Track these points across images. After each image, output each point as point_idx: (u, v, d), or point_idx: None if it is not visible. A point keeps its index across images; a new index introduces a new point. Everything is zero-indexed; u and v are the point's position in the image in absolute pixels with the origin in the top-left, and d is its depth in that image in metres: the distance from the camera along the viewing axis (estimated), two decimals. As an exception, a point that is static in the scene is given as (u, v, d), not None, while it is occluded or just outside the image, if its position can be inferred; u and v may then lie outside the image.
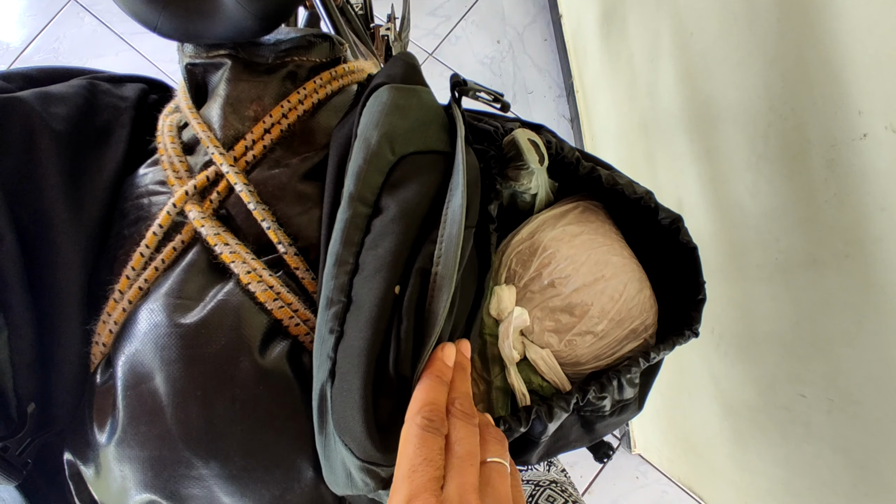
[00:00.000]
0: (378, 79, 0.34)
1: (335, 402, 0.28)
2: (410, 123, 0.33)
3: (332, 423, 0.28)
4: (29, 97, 0.35)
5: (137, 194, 0.37)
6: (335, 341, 0.29)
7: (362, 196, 0.31)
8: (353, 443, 0.27)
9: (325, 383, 0.29)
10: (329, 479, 0.30)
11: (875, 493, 0.48)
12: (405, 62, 0.36)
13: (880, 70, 0.39)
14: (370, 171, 0.31)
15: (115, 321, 0.33)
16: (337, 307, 0.30)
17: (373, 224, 0.31)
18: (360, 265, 0.30)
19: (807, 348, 0.54)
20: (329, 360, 0.29)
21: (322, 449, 0.30)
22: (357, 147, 0.32)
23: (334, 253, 0.30)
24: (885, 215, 0.41)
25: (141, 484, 0.30)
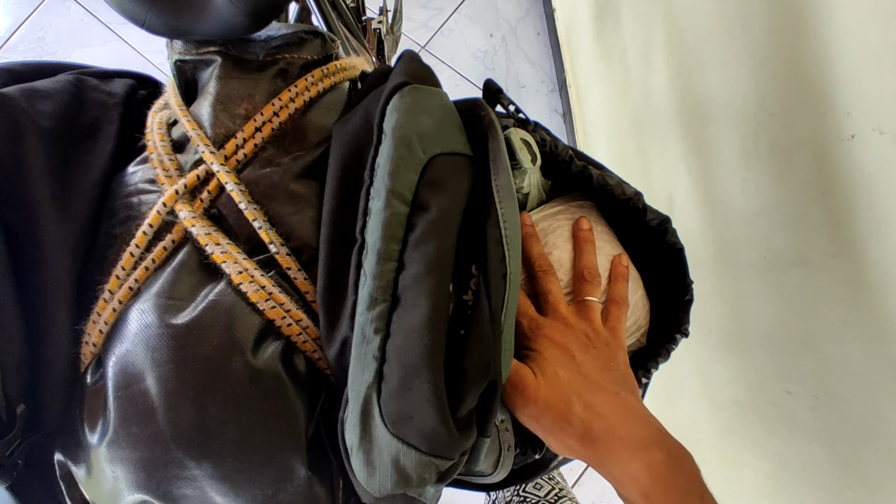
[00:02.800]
0: (399, 77, 0.34)
1: (391, 401, 0.28)
2: (436, 124, 0.33)
3: (380, 424, 0.28)
4: (14, 93, 0.35)
5: (126, 193, 0.36)
6: (381, 342, 0.29)
7: (400, 194, 0.31)
8: (419, 438, 0.28)
9: (371, 386, 0.29)
10: (368, 483, 0.30)
11: (857, 487, 0.49)
12: (423, 63, 0.36)
13: (869, 72, 0.40)
14: (405, 170, 0.31)
15: (106, 321, 0.33)
16: (382, 306, 0.29)
17: (414, 222, 0.31)
18: (406, 263, 0.30)
19: (794, 346, 0.54)
20: (375, 360, 0.29)
21: (363, 454, 0.29)
22: (389, 145, 0.32)
23: (376, 250, 0.30)
24: (871, 216, 0.41)
25: (133, 484, 0.30)
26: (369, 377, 0.29)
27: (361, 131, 0.35)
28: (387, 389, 0.29)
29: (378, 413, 0.29)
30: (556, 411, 0.33)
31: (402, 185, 0.31)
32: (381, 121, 0.33)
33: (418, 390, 0.28)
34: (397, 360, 0.29)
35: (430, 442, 0.28)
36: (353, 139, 0.35)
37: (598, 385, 0.34)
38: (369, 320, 0.29)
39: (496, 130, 0.35)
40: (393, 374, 0.29)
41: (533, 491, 0.61)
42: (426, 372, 0.28)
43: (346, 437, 0.30)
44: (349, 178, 0.34)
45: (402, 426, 0.28)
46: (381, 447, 0.29)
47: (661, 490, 0.31)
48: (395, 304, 0.30)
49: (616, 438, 0.32)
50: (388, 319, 0.29)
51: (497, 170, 0.33)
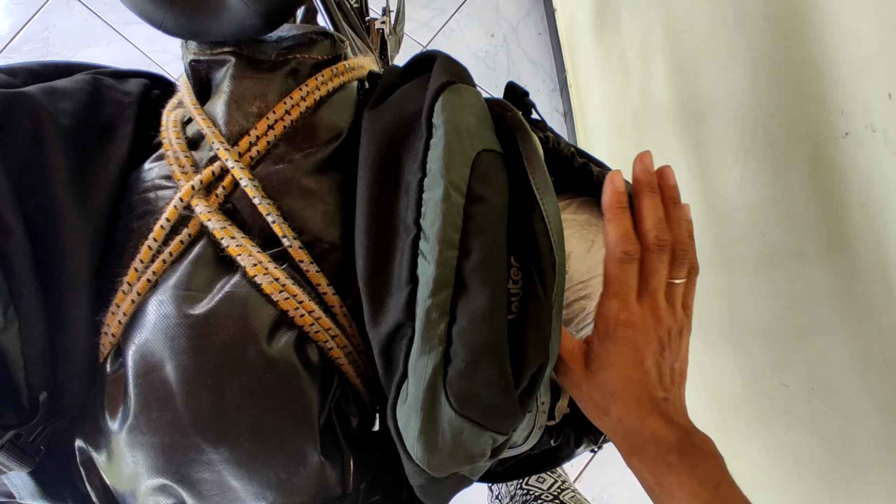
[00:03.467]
0: (444, 76, 0.35)
1: (458, 382, 0.30)
2: (478, 122, 0.35)
3: (445, 404, 0.30)
4: (36, 92, 0.36)
5: (144, 188, 0.38)
6: (447, 325, 0.31)
7: (458, 186, 0.32)
8: (484, 416, 0.30)
9: (438, 367, 0.30)
10: (429, 463, 0.31)
11: (849, 476, 0.50)
12: (460, 64, 0.38)
13: (862, 71, 0.41)
14: (460, 163, 0.33)
15: (125, 312, 0.34)
16: (447, 292, 0.31)
17: (470, 213, 0.32)
18: (467, 251, 0.32)
19: (790, 339, 0.56)
20: (441, 343, 0.30)
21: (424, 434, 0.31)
22: (441, 139, 0.33)
23: (438, 238, 0.31)
24: (864, 211, 0.43)
25: (153, 469, 0.32)
26: (435, 359, 0.30)
27: (397, 126, 0.36)
28: (453, 370, 0.30)
29: (443, 393, 0.30)
30: (599, 407, 0.36)
31: (458, 177, 0.32)
32: (429, 115, 0.34)
33: (485, 371, 0.30)
34: (464, 343, 0.30)
35: (494, 419, 0.31)
36: (387, 134, 0.36)
37: (652, 397, 0.35)
38: (434, 305, 0.31)
39: (527, 131, 0.36)
40: (459, 357, 0.30)
41: (536, 484, 0.62)
42: (493, 354, 0.30)
43: (399, 421, 0.32)
44: (385, 170, 0.35)
45: (467, 405, 0.30)
46: (445, 426, 0.30)
47: (677, 481, 0.33)
48: (459, 289, 0.31)
49: (650, 456, 0.34)
50: (453, 304, 0.31)
51: (533, 168, 0.35)
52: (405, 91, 0.38)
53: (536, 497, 0.60)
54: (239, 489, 0.32)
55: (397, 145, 0.35)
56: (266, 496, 0.33)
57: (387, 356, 0.33)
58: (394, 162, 0.35)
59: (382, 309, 0.33)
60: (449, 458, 0.31)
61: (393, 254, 0.33)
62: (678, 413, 0.36)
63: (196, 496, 0.32)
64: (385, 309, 0.33)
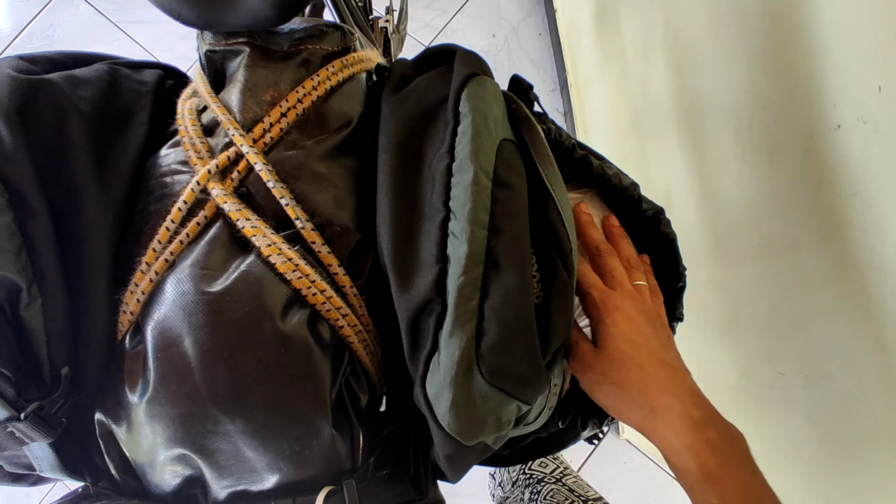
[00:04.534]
0: (469, 68, 0.38)
1: (490, 354, 0.32)
2: (500, 112, 0.37)
3: (477, 374, 0.32)
4: (58, 79, 0.37)
5: (161, 173, 0.39)
6: (479, 301, 0.32)
7: (486, 171, 0.34)
8: (514, 386, 0.32)
9: (471, 340, 0.32)
10: (461, 432, 0.33)
11: (841, 459, 0.51)
12: (480, 57, 0.41)
13: (854, 66, 0.42)
14: (487, 150, 0.35)
15: (143, 291, 0.36)
16: (479, 269, 0.33)
17: (497, 196, 0.34)
18: (499, 230, 0.33)
19: (785, 328, 0.57)
20: (474, 317, 0.32)
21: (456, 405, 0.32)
22: (469, 126, 0.35)
23: (469, 219, 0.33)
24: (856, 200, 0.44)
25: (172, 439, 0.33)
26: (469, 333, 0.32)
27: (419, 113, 0.38)
28: (486, 344, 0.32)
29: (476, 365, 0.32)
30: (614, 382, 0.37)
31: (486, 163, 0.34)
32: (456, 104, 0.36)
33: (517, 344, 0.32)
34: (496, 318, 0.32)
35: (523, 389, 0.33)
36: (411, 120, 0.38)
37: (664, 362, 0.38)
38: (467, 282, 0.32)
39: (532, 123, 0.38)
40: (492, 331, 0.32)
41: (539, 468, 0.63)
42: (524, 329, 0.33)
43: (430, 392, 0.33)
44: (407, 154, 0.37)
45: (498, 376, 0.32)
46: (476, 396, 0.32)
47: (720, 462, 0.33)
48: (490, 267, 0.33)
49: (675, 413, 0.35)
50: (485, 281, 0.33)
51: (542, 160, 0.37)
52: (426, 81, 0.40)
53: (539, 480, 0.61)
54: (253, 459, 0.34)
55: (420, 131, 0.37)
56: (279, 467, 0.34)
57: (414, 331, 0.34)
58: (416, 147, 0.37)
59: (410, 286, 0.34)
60: (479, 427, 0.33)
61: (418, 234, 0.35)
62: (695, 388, 0.37)
63: (213, 466, 0.34)
64: (412, 286, 0.34)
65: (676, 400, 0.36)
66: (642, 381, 0.37)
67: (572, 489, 0.58)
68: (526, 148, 0.37)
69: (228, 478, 0.34)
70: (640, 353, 0.37)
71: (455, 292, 0.32)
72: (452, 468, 0.36)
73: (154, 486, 0.36)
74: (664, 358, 0.38)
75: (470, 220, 0.33)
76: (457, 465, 0.36)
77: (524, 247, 0.34)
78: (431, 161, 0.36)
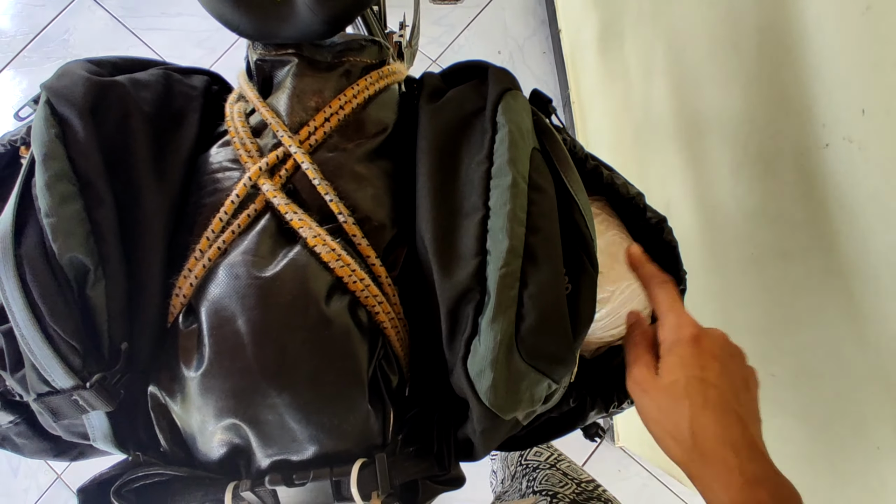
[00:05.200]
0: (503, 84, 0.43)
1: (529, 337, 0.36)
2: (529, 123, 0.42)
3: (516, 354, 0.36)
4: (125, 81, 0.41)
5: (212, 170, 0.43)
6: (519, 290, 0.36)
7: (523, 175, 0.39)
8: (548, 366, 0.37)
9: (511, 324, 0.36)
10: (502, 407, 0.37)
11: (828, 454, 0.55)
12: (511, 74, 0.46)
13: (840, 90, 0.47)
14: (523, 157, 0.39)
15: (196, 276, 0.39)
16: (519, 262, 0.37)
17: (532, 198, 0.39)
18: (536, 228, 0.38)
19: (777, 331, 0.61)
20: (513, 304, 0.36)
21: (495, 382, 0.36)
22: (506, 135, 0.39)
23: (509, 217, 0.37)
24: (842, 212, 0.49)
25: (224, 409, 0.36)
26: (510, 318, 0.36)
27: (456, 122, 0.42)
28: (524, 327, 0.36)
29: (515, 346, 0.36)
30: (667, 415, 0.38)
31: (522, 168, 0.39)
32: (493, 115, 0.41)
33: (552, 329, 0.37)
34: (534, 305, 0.36)
35: (556, 368, 0.37)
36: (449, 127, 0.42)
37: (728, 406, 0.36)
38: (508, 273, 0.36)
39: (553, 133, 0.43)
40: (530, 316, 0.36)
41: (534, 458, 0.67)
42: (559, 315, 0.37)
43: (471, 372, 0.37)
44: (445, 158, 0.41)
45: (535, 356, 0.36)
46: (515, 375, 0.36)
47: None
48: (528, 260, 0.37)
49: (727, 467, 0.34)
50: (523, 273, 0.37)
51: (564, 167, 0.42)
52: (461, 93, 0.44)
53: (535, 468, 0.64)
54: (296, 431, 0.37)
55: (457, 137, 0.41)
56: (319, 438, 0.37)
57: (454, 317, 0.38)
58: (453, 151, 0.41)
59: (451, 275, 0.38)
60: (516, 403, 0.37)
61: (457, 229, 0.39)
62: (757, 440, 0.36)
63: (260, 435, 0.37)
64: (454, 275, 0.38)
65: (731, 451, 0.34)
66: (698, 424, 0.35)
67: (566, 473, 0.62)
68: (549, 156, 0.41)
69: (273, 447, 0.37)
70: (703, 392, 0.36)
71: (497, 282, 0.36)
72: (486, 442, 0.40)
73: (201, 454, 0.39)
74: (731, 402, 0.36)
75: (510, 218, 0.37)
76: (490, 438, 0.39)
77: (557, 243, 0.38)
78: (469, 164, 0.40)
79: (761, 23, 0.57)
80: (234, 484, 0.38)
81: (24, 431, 0.46)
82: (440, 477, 0.42)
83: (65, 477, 1.44)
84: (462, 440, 0.42)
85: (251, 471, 0.39)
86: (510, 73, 0.45)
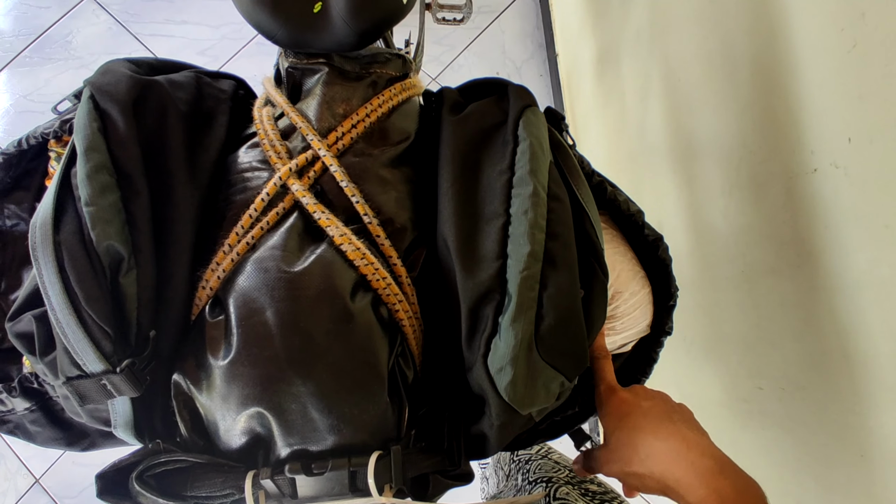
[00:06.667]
0: (524, 100, 0.46)
1: (548, 336, 0.38)
2: (546, 138, 0.45)
3: (535, 352, 0.38)
4: (163, 81, 0.43)
5: (242, 169, 0.44)
6: (539, 292, 0.39)
7: (543, 185, 0.41)
8: (564, 363, 0.40)
9: (531, 324, 0.38)
10: (520, 402, 0.39)
11: (814, 462, 0.58)
12: (530, 92, 0.48)
13: (828, 119, 0.51)
14: (543, 168, 0.42)
15: (224, 269, 0.41)
16: (539, 265, 0.39)
17: (552, 206, 0.41)
18: (555, 235, 0.40)
19: (764, 345, 0.64)
20: (533, 305, 0.38)
21: (514, 378, 0.38)
22: (527, 148, 0.42)
23: (531, 224, 0.39)
24: (828, 233, 0.52)
25: (250, 397, 0.37)
26: (530, 318, 0.38)
27: (479, 134, 0.45)
28: (544, 327, 0.39)
29: (535, 345, 0.38)
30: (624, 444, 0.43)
31: (542, 178, 0.41)
32: (515, 129, 0.44)
33: (569, 329, 0.39)
34: (553, 306, 0.39)
35: (572, 366, 0.40)
36: (472, 139, 0.45)
37: (671, 420, 0.42)
38: (530, 275, 0.38)
39: (566, 148, 0.46)
40: (550, 316, 0.39)
41: (525, 452, 0.69)
42: (576, 316, 0.40)
43: (491, 369, 0.39)
44: (467, 166, 0.44)
45: (553, 354, 0.39)
46: (533, 371, 0.38)
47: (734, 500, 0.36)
48: (548, 264, 0.40)
49: (684, 466, 0.39)
50: (543, 276, 0.39)
51: (576, 180, 0.45)
52: (483, 107, 0.47)
53: (527, 461, 0.66)
54: (318, 420, 0.38)
55: (478, 148, 0.44)
56: (339, 428, 0.39)
57: (475, 316, 0.40)
58: (475, 160, 0.43)
59: (473, 276, 0.40)
60: (533, 398, 0.39)
61: (478, 233, 0.41)
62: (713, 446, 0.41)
63: (282, 423, 0.38)
64: (476, 276, 0.40)
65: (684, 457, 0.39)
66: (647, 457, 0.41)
67: (557, 462, 0.64)
68: (561, 169, 0.44)
69: (294, 436, 0.39)
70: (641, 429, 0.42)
71: (519, 283, 0.38)
72: (501, 436, 0.42)
73: (222, 443, 0.40)
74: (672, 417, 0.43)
75: (531, 225, 0.39)
76: (505, 433, 0.41)
77: (573, 249, 0.41)
78: (490, 173, 0.42)
79: (755, 54, 0.61)
80: (254, 472, 0.39)
81: (38, 419, 0.46)
82: (450, 472, 0.44)
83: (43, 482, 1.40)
84: (474, 436, 0.43)
85: (270, 460, 0.40)
86: (529, 90, 0.48)
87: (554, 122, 0.51)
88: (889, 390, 0.47)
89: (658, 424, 0.42)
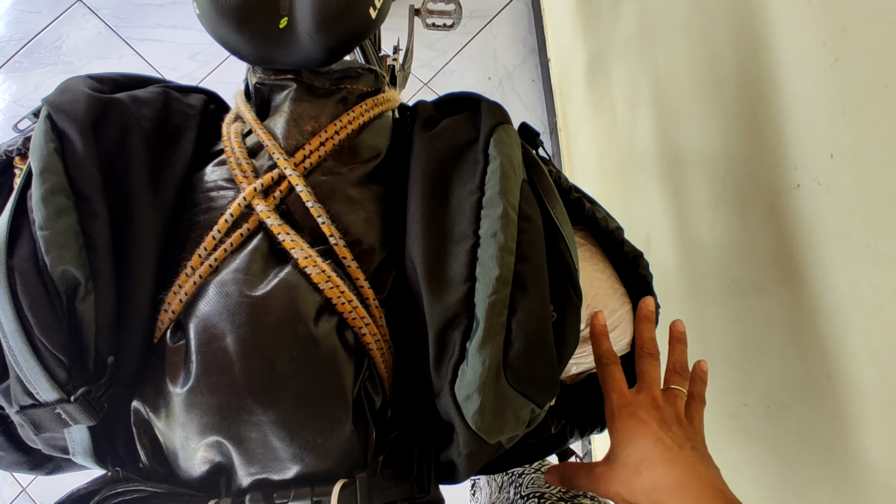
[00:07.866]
0: (496, 117, 0.44)
1: (516, 361, 0.37)
2: (519, 156, 0.44)
3: (503, 379, 0.37)
4: (126, 99, 0.42)
5: (207, 188, 0.43)
6: (508, 317, 0.37)
7: (513, 206, 0.40)
8: (534, 390, 0.38)
9: (499, 350, 0.37)
10: (488, 432, 0.38)
11: (798, 483, 0.57)
12: (502, 108, 0.47)
13: (811, 135, 0.50)
14: (513, 188, 0.41)
15: (186, 292, 0.39)
16: (508, 290, 0.38)
17: (522, 228, 0.40)
18: (525, 257, 0.39)
19: (750, 362, 0.63)
20: (502, 330, 0.37)
21: (482, 406, 0.37)
22: (498, 167, 0.41)
23: (499, 246, 0.38)
24: (811, 249, 0.51)
25: (208, 426, 0.36)
26: (498, 343, 0.37)
27: (450, 151, 0.44)
28: (512, 353, 0.37)
29: (503, 371, 0.37)
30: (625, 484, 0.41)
31: (513, 199, 0.40)
32: (485, 147, 0.42)
33: (539, 355, 0.38)
34: (522, 331, 0.37)
35: (541, 393, 0.39)
36: (443, 157, 0.43)
37: (678, 460, 0.40)
38: (498, 300, 0.37)
39: (540, 166, 0.45)
40: (518, 342, 0.37)
41: None
42: (545, 341, 0.38)
43: (458, 396, 0.38)
44: (437, 185, 0.42)
45: (522, 381, 0.37)
46: (502, 399, 0.37)
47: None
48: (517, 288, 0.38)
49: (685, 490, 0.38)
50: (512, 300, 0.38)
51: (550, 199, 0.43)
52: (455, 123, 0.45)
53: (520, 475, 0.65)
54: (280, 449, 0.37)
55: (449, 166, 0.43)
56: (302, 457, 0.38)
57: (442, 341, 0.39)
58: (445, 179, 0.42)
59: (440, 300, 0.39)
60: (502, 426, 0.38)
61: (447, 255, 0.40)
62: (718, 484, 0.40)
63: (242, 453, 0.37)
64: (442, 300, 0.39)
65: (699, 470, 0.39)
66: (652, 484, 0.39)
67: None
68: (535, 187, 0.43)
69: (255, 465, 0.38)
70: (650, 455, 0.40)
71: (487, 308, 0.37)
72: (469, 464, 0.40)
73: (182, 471, 0.39)
74: (679, 458, 0.40)
75: (500, 248, 0.38)
76: (474, 461, 0.40)
77: (544, 272, 0.40)
78: (460, 193, 0.41)
79: (740, 67, 0.60)
80: (214, 502, 0.38)
81: (1, 443, 0.45)
82: (420, 499, 0.42)
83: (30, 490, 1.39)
84: (444, 462, 0.42)
85: (231, 489, 0.39)
86: (502, 107, 0.47)
87: (528, 139, 0.50)
88: (873, 417, 0.45)
89: (674, 456, 0.40)
